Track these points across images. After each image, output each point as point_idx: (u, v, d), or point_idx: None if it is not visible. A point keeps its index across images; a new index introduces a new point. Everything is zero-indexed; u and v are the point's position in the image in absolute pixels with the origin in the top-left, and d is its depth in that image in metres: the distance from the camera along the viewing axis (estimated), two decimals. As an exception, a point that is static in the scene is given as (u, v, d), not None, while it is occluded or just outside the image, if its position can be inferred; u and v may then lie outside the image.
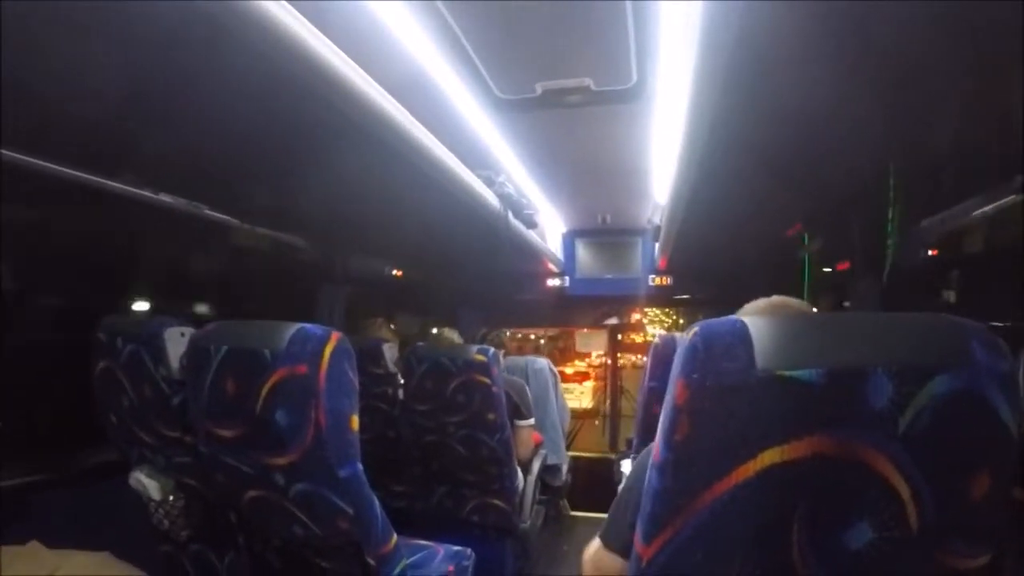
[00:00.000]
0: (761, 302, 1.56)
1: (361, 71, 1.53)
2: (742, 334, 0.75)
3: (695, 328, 0.78)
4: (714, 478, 0.73)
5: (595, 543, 1.43)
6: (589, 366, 11.53)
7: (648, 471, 0.82)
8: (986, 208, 2.19)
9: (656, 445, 0.81)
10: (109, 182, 2.25)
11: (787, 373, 0.71)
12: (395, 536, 1.67)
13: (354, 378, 1.54)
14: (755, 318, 0.77)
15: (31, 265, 2.40)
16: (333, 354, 1.45)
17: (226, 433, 1.56)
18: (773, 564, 0.75)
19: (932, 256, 2.68)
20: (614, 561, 1.35)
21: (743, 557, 0.75)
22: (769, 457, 0.71)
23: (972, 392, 0.72)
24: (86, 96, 1.62)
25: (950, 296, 2.69)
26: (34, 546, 1.73)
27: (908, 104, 1.71)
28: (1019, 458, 0.76)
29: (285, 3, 1.22)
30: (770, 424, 0.72)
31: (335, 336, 1.48)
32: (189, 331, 1.72)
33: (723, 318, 0.78)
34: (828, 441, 0.71)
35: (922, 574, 0.76)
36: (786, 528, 0.73)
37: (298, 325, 1.48)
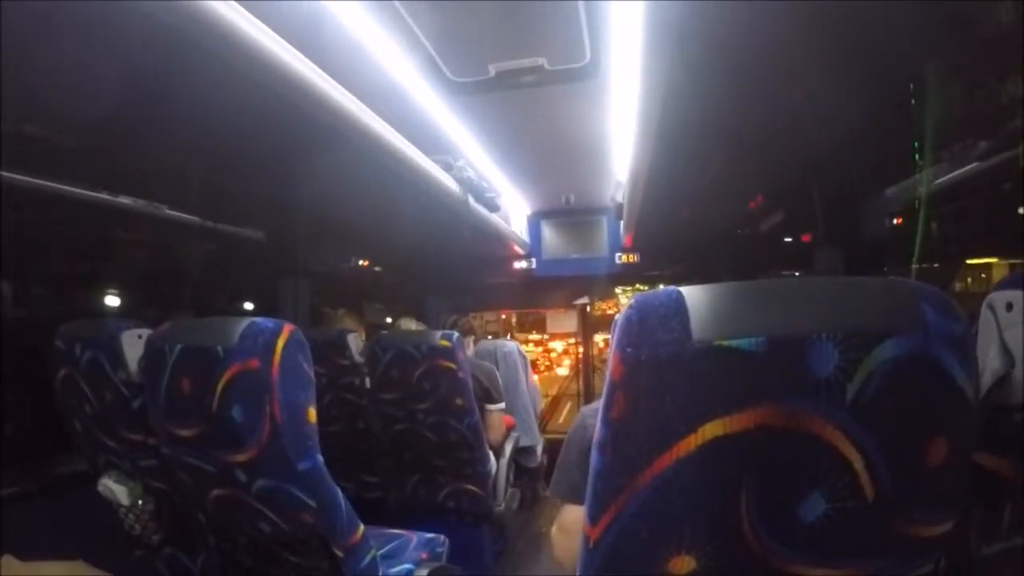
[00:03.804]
0: None
1: (309, 61, 1.51)
2: (677, 304, 0.72)
3: (631, 300, 0.76)
4: (655, 454, 0.71)
5: (563, 509, 1.51)
6: (545, 351, 10.88)
7: (592, 449, 0.81)
8: (950, 176, 2.21)
9: (597, 424, 0.80)
10: (64, 186, 2.23)
11: (725, 343, 0.69)
12: (361, 527, 1.65)
13: (309, 370, 1.52)
14: (693, 287, 0.75)
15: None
16: (286, 347, 1.43)
17: (185, 433, 1.54)
18: (723, 539, 0.74)
19: (897, 225, 2.70)
20: (571, 510, 1.45)
21: (691, 534, 0.74)
22: (711, 430, 0.69)
23: (923, 356, 0.70)
24: (55, 105, 1.60)
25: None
26: (7, 560, 1.71)
27: (865, 72, 1.71)
28: (978, 423, 0.75)
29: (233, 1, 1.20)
30: (710, 396, 0.70)
31: (287, 328, 1.46)
32: (146, 332, 1.69)
33: (661, 289, 0.76)
34: (772, 412, 0.69)
35: (880, 542, 0.75)
36: (734, 502, 0.72)
37: (249, 320, 1.46)
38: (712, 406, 0.69)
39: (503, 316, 6.51)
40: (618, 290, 6.06)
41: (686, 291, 0.74)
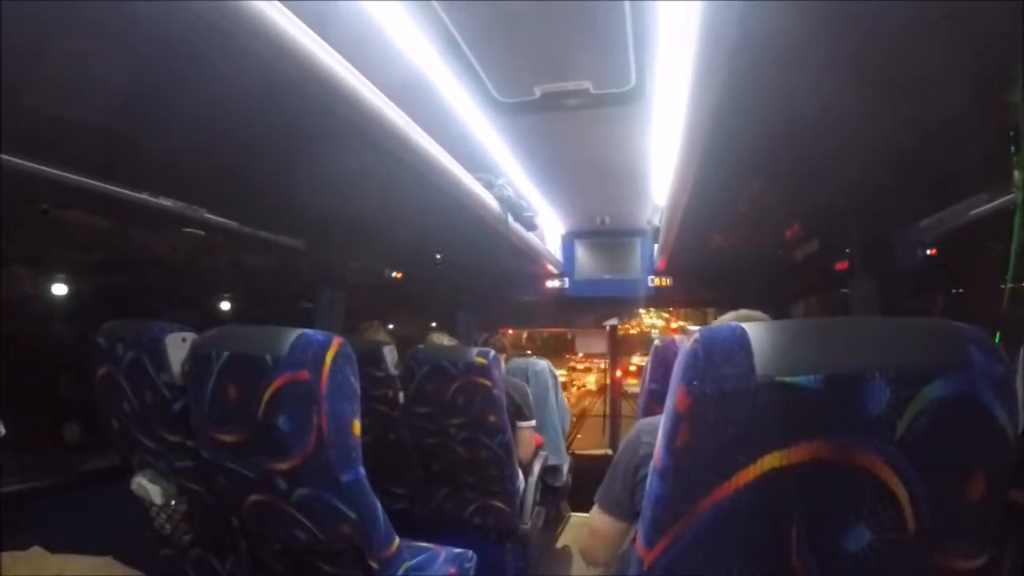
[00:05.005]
0: (728, 315, 1.65)
1: (361, 76, 1.53)
2: (742, 340, 0.75)
3: (695, 334, 0.79)
4: (715, 483, 0.74)
5: (594, 510, 1.58)
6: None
7: (649, 475, 0.83)
8: (985, 207, 2.19)
9: (656, 451, 0.82)
10: (108, 185, 2.25)
11: (786, 379, 0.72)
12: (397, 539, 1.67)
13: (356, 383, 1.54)
14: (754, 324, 0.77)
15: (35, 269, 2.41)
16: (335, 359, 1.46)
17: (228, 438, 1.56)
18: (773, 567, 0.76)
19: (931, 256, 2.69)
20: (605, 520, 1.52)
21: (743, 560, 0.76)
22: (769, 462, 0.72)
23: (968, 396, 0.73)
24: (85, 100, 1.62)
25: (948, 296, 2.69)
26: (36, 551, 1.73)
27: (908, 104, 1.71)
28: (1015, 460, 0.77)
29: (284, 8, 1.22)
30: (770, 430, 0.73)
31: (337, 341, 1.48)
32: (190, 336, 1.72)
33: (723, 324, 0.78)
34: (827, 446, 0.71)
35: (920, 575, 0.77)
36: (785, 532, 0.74)
37: (300, 331, 1.48)
38: (771, 439, 0.72)
39: (510, 332, 6.35)
40: (641, 311, 6.04)
41: (748, 327, 0.76)
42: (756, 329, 0.76)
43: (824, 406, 0.72)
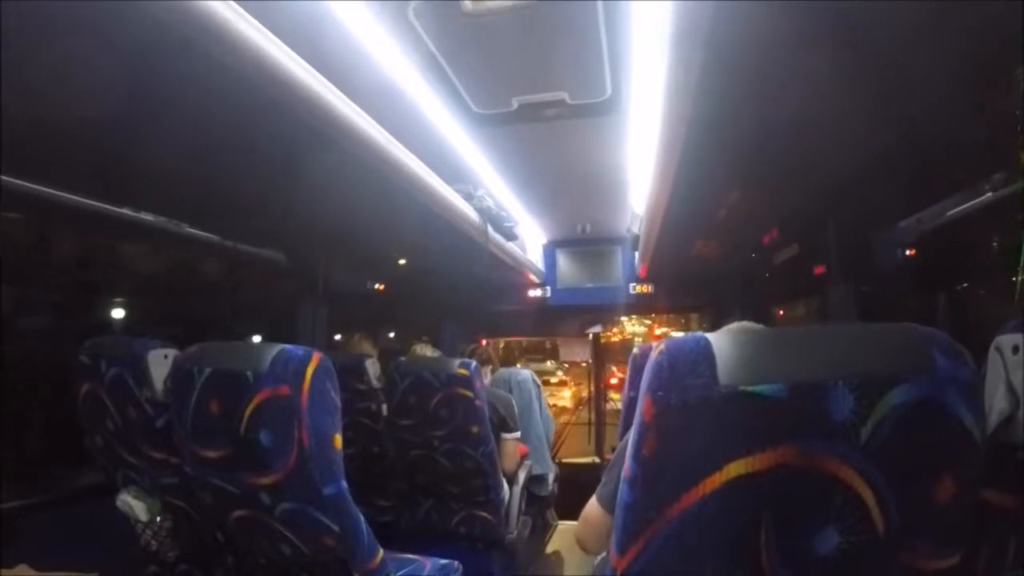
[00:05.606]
0: (733, 325, 1.68)
1: (336, 90, 1.54)
2: (705, 351, 0.77)
3: (660, 345, 0.80)
4: (682, 491, 0.75)
5: (592, 499, 1.58)
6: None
7: (620, 484, 0.85)
8: (963, 207, 2.22)
9: (626, 460, 0.83)
10: (89, 201, 2.24)
11: (749, 388, 0.73)
12: (381, 551, 1.67)
13: (336, 397, 1.55)
14: (718, 334, 0.79)
15: (18, 286, 2.39)
16: (315, 374, 1.46)
17: (211, 454, 1.56)
18: (743, 571, 0.77)
19: (910, 256, 2.71)
20: (597, 510, 1.53)
21: (714, 565, 0.77)
22: (735, 469, 0.73)
23: (933, 400, 0.74)
24: (61, 115, 1.62)
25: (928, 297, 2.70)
26: (23, 570, 1.72)
27: (883, 105, 1.73)
28: (984, 461, 0.78)
29: (261, 26, 1.23)
30: (735, 438, 0.74)
31: (316, 356, 1.49)
32: (172, 353, 1.72)
33: (688, 335, 0.80)
34: (792, 453, 0.73)
35: (890, 575, 0.79)
36: (754, 536, 0.76)
37: (280, 346, 1.49)
38: (736, 446, 0.73)
39: (484, 343, 6.34)
40: (623, 319, 6.05)
41: (712, 338, 0.78)
42: (720, 339, 0.78)
43: (788, 414, 0.74)
